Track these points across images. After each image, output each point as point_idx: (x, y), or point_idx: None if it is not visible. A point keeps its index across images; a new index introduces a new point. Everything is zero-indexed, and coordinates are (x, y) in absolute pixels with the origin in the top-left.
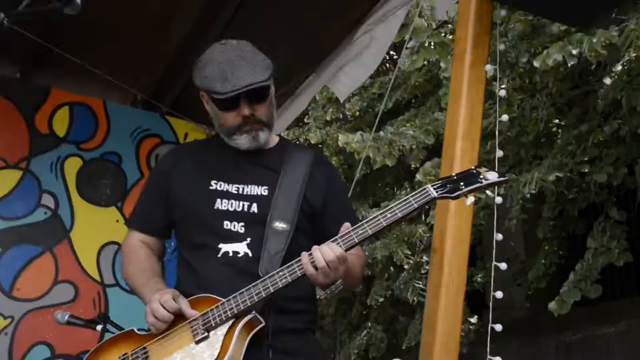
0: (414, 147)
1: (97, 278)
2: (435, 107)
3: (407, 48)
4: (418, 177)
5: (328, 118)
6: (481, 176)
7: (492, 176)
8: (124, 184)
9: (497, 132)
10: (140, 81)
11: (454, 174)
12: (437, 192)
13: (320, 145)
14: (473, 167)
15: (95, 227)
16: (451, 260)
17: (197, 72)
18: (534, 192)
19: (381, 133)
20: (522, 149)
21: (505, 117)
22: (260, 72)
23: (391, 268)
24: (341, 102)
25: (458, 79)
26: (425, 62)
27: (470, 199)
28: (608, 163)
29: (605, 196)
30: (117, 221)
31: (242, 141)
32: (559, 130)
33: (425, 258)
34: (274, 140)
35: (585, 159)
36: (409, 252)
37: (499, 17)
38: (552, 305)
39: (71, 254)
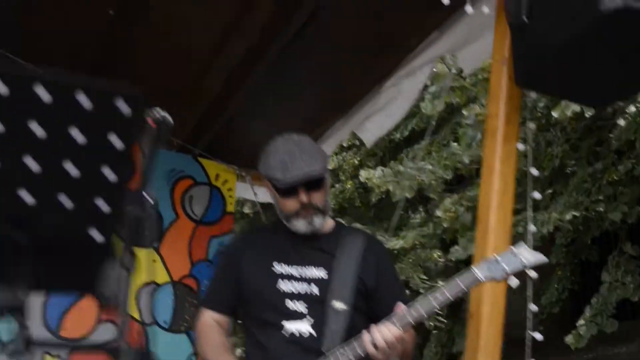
0: (433, 181)
1: (137, 317)
2: (451, 136)
3: (429, 93)
4: (438, 213)
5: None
6: (521, 257)
7: (529, 255)
8: (160, 225)
9: (529, 210)
10: (177, 125)
11: (494, 256)
12: (483, 275)
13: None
14: (511, 248)
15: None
16: (487, 327)
17: (262, 161)
18: (550, 231)
19: (401, 168)
20: (537, 184)
21: (537, 195)
22: (316, 163)
23: (407, 292)
24: (367, 147)
25: (490, 155)
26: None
27: (515, 280)
28: (622, 202)
29: (618, 226)
30: (154, 261)
31: (299, 226)
32: (575, 167)
33: (440, 282)
34: (330, 224)
35: (600, 197)
36: (425, 277)
37: (530, 99)
38: (569, 339)
39: None
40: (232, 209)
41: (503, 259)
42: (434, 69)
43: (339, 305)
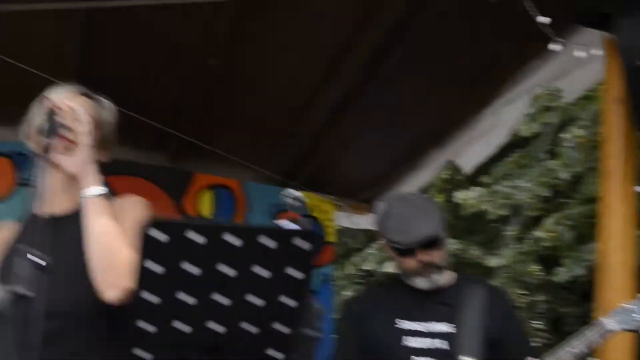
0: (529, 199)
1: None
2: (546, 154)
3: (526, 115)
4: (539, 233)
5: None
6: None
7: None
8: None
9: None
10: (275, 162)
11: (623, 305)
12: (618, 325)
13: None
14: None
15: None
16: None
17: (379, 222)
18: None
19: (497, 187)
20: None
21: None
22: (433, 224)
23: None
24: (465, 173)
25: (609, 195)
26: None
27: None
28: None
29: None
30: None
31: (420, 283)
32: None
33: (540, 297)
34: (450, 276)
35: None
36: (525, 292)
37: None
38: None
39: None
40: (333, 239)
41: (633, 308)
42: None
43: (467, 359)
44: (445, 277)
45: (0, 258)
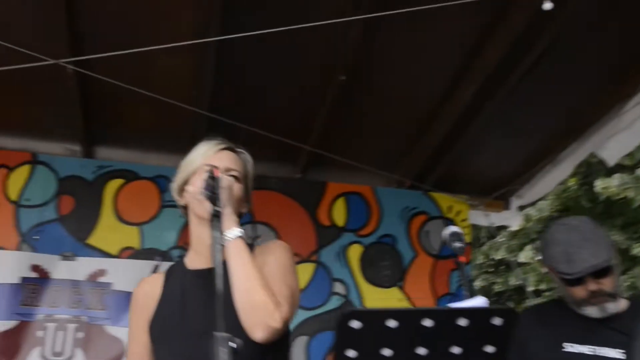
0: None
1: None
2: None
3: None
4: None
5: None
6: None
7: None
8: (401, 264)
9: None
10: (405, 166)
11: None
12: None
13: None
14: None
15: (382, 307)
16: None
17: (544, 251)
18: None
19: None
20: None
21: None
22: (602, 251)
23: None
24: (609, 165)
25: None
26: None
27: None
28: None
29: None
30: (400, 301)
31: (591, 312)
32: None
33: None
34: (623, 303)
35: None
36: None
37: None
38: None
39: None
40: (469, 239)
41: None
42: None
43: None
44: (619, 304)
45: (148, 313)
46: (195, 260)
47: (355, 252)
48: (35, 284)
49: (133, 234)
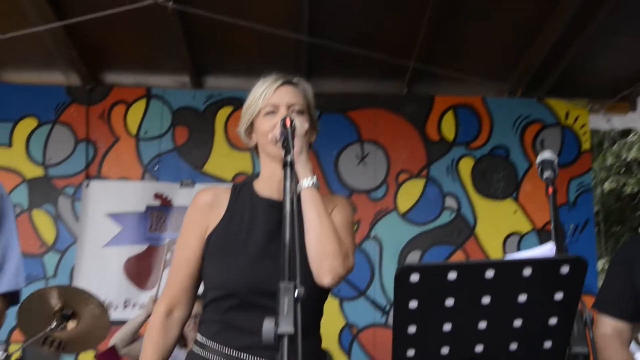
0: None
1: None
2: None
3: None
4: None
5: None
6: None
7: None
8: (515, 175)
9: None
10: (516, 75)
11: None
12: None
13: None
14: None
15: (496, 220)
16: None
17: None
18: None
19: None
20: None
21: None
22: None
23: None
24: None
25: None
26: None
27: None
28: None
29: None
30: (515, 212)
31: None
32: None
33: None
34: None
35: None
36: None
37: None
38: None
39: (478, 248)
40: (588, 146)
41: None
42: None
43: None
44: None
45: (208, 223)
46: (266, 189)
47: (466, 166)
48: (159, 211)
49: (245, 160)
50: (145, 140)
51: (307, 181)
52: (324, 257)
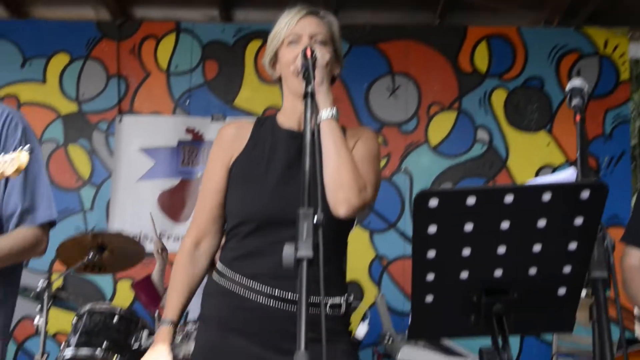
0: None
1: None
2: None
3: None
4: None
5: None
6: None
7: None
8: (549, 107)
9: None
10: (552, 3)
11: None
12: None
13: None
14: None
15: (528, 153)
16: None
17: None
18: None
19: None
20: None
21: None
22: None
23: None
24: None
25: None
26: None
27: None
28: None
29: None
30: (548, 144)
31: None
32: None
33: None
34: None
35: None
36: None
37: None
38: None
39: (510, 181)
40: (627, 75)
41: None
42: None
43: None
44: None
45: (231, 154)
46: (288, 120)
47: (499, 97)
48: (191, 146)
49: (276, 93)
50: (176, 75)
51: (326, 112)
52: (339, 188)
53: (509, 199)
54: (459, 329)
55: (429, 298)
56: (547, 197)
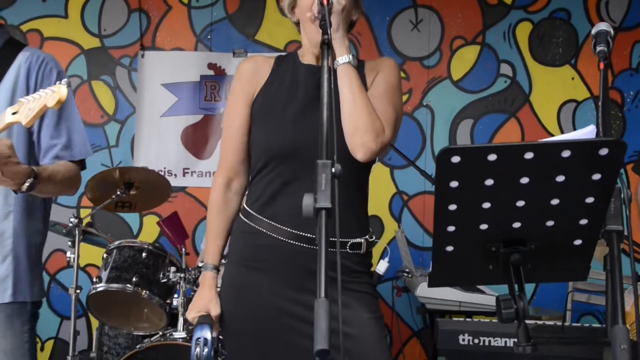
0: None
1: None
2: None
3: None
4: None
5: None
6: None
7: None
8: (575, 40)
9: None
10: None
11: None
12: None
13: None
14: None
15: (552, 87)
16: None
17: None
18: None
19: None
20: None
21: None
22: None
23: None
24: None
25: None
26: None
27: None
28: None
29: None
30: (573, 79)
31: None
32: None
33: None
34: None
35: None
36: None
37: None
38: None
39: (533, 116)
40: None
41: None
42: None
43: None
44: None
45: (253, 90)
46: (307, 57)
47: (524, 31)
48: (213, 81)
49: None
50: (197, 9)
51: (342, 58)
52: (355, 132)
53: (528, 155)
54: (478, 277)
55: (449, 248)
56: (566, 154)
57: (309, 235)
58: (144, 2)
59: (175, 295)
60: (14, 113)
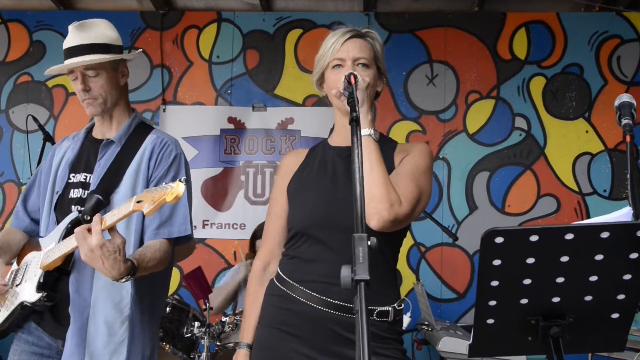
0: None
1: (575, 188)
2: None
3: None
4: None
5: None
6: None
7: None
8: (588, 94)
9: None
10: None
11: None
12: None
13: None
14: None
15: (566, 140)
16: None
17: None
18: None
19: None
20: None
21: None
22: None
23: None
24: None
25: None
26: None
27: None
28: None
29: None
30: (587, 132)
31: None
32: None
33: None
34: None
35: None
36: None
37: None
38: None
39: (548, 169)
40: None
41: None
42: None
43: None
44: None
45: (288, 179)
46: (337, 139)
47: (537, 85)
48: (233, 134)
49: None
50: (218, 65)
51: (365, 132)
52: (370, 201)
53: (569, 236)
54: (517, 348)
55: (490, 320)
56: (605, 234)
57: (337, 302)
58: (166, 58)
59: (199, 350)
60: (138, 202)
